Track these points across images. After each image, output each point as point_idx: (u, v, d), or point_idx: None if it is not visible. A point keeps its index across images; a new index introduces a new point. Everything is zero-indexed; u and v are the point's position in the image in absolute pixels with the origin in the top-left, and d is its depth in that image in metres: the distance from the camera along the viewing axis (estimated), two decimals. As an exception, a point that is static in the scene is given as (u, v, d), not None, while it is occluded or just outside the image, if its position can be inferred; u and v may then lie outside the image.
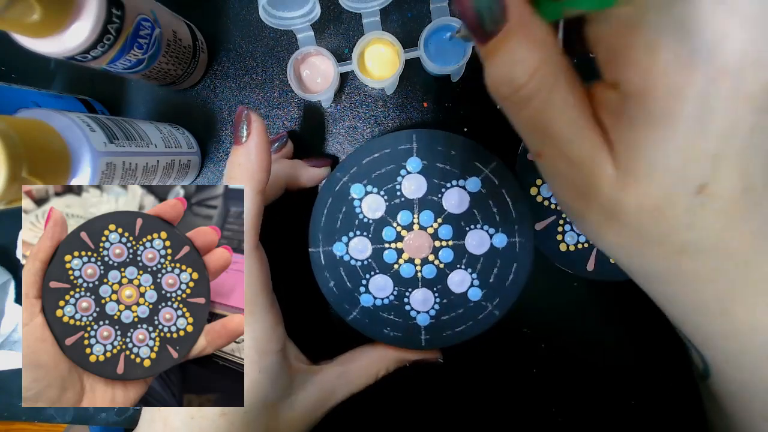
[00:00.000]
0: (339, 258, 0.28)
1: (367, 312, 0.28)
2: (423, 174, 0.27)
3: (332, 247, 0.28)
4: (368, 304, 0.28)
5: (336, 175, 0.27)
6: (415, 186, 0.27)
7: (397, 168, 0.27)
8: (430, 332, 0.27)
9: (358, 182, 0.27)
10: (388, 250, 0.27)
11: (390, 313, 0.28)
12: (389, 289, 0.28)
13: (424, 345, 0.27)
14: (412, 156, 0.27)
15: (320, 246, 0.28)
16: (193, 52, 0.30)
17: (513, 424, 0.32)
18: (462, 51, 0.29)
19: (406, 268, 0.27)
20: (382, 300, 0.28)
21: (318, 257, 0.28)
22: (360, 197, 0.27)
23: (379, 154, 0.27)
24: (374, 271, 0.28)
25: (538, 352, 0.32)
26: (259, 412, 0.23)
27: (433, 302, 0.27)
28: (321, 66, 0.31)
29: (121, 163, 0.24)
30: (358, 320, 0.28)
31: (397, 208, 0.27)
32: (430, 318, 0.27)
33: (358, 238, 0.27)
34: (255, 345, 0.22)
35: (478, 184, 0.27)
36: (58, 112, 0.22)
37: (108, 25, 0.22)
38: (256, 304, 0.22)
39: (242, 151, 0.22)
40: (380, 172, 0.27)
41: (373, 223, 0.27)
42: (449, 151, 0.27)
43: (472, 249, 0.27)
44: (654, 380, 0.32)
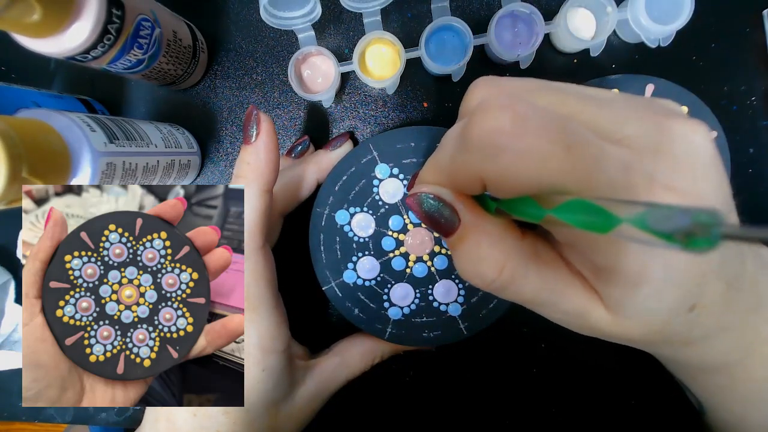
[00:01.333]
0: (339, 227, 0.28)
1: (344, 287, 0.28)
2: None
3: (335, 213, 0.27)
4: (350, 280, 0.28)
5: (368, 146, 0.27)
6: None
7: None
8: (396, 327, 0.27)
9: (385, 163, 0.27)
10: (388, 237, 0.27)
11: (366, 295, 0.28)
12: (374, 273, 0.28)
13: (387, 338, 0.28)
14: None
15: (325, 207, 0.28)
16: (193, 52, 0.30)
17: (513, 424, 0.32)
18: (463, 51, 0.29)
19: (398, 260, 0.27)
20: (364, 282, 0.28)
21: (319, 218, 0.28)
22: (382, 178, 0.27)
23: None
24: (368, 252, 0.28)
25: (538, 352, 0.32)
26: (262, 410, 0.23)
27: (411, 301, 0.27)
28: (322, 66, 0.31)
29: (121, 163, 0.24)
30: (333, 292, 0.28)
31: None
32: (402, 315, 0.27)
33: (364, 214, 0.27)
34: (259, 343, 0.22)
35: None
36: (58, 112, 0.22)
37: (108, 25, 0.22)
38: (262, 303, 0.22)
39: (251, 150, 0.22)
40: (410, 161, 0.27)
41: (383, 207, 0.27)
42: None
43: None
44: (654, 380, 0.32)
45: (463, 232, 0.16)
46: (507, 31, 0.29)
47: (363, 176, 0.27)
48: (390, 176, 0.27)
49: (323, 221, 0.27)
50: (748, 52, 0.31)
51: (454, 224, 0.16)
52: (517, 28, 0.29)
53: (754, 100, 0.31)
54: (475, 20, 0.31)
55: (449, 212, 0.16)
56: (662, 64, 0.31)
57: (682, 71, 0.31)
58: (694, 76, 0.31)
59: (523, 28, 0.29)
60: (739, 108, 0.31)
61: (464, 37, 0.29)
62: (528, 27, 0.29)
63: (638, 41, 0.30)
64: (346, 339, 0.28)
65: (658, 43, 0.29)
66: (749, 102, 0.31)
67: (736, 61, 0.31)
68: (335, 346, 0.28)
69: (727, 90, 0.31)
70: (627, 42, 0.31)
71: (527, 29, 0.29)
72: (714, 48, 0.31)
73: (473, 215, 0.16)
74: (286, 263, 0.28)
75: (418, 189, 0.17)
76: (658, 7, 0.27)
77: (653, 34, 0.28)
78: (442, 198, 0.17)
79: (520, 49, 0.29)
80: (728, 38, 0.31)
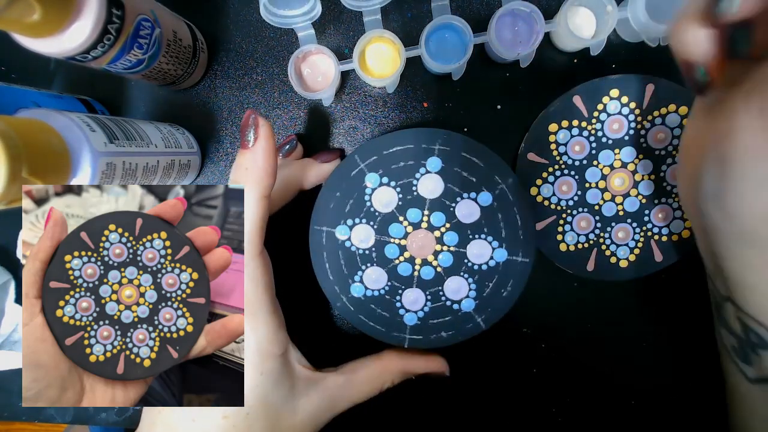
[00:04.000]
0: (341, 243, 0.27)
1: (355, 302, 0.27)
2: (441, 175, 0.27)
3: (335, 230, 0.27)
4: (359, 294, 0.27)
5: (354, 158, 0.27)
6: (432, 186, 0.27)
7: (416, 165, 0.27)
8: (415, 333, 0.27)
9: (374, 172, 0.27)
10: (391, 245, 0.27)
11: (378, 306, 0.27)
12: (382, 283, 0.27)
13: (407, 345, 0.27)
14: (433, 156, 0.27)
15: (324, 225, 0.27)
16: (193, 52, 0.30)
17: (513, 424, 0.32)
18: (463, 50, 0.29)
19: (404, 266, 0.27)
20: (373, 292, 0.27)
21: (320, 236, 0.27)
22: (374, 187, 0.27)
23: (403, 148, 0.27)
24: (372, 263, 0.27)
25: (538, 352, 0.32)
26: (261, 415, 0.23)
27: (424, 304, 0.27)
28: (322, 65, 0.31)
29: (121, 163, 0.24)
30: (345, 308, 0.28)
31: (409, 204, 0.27)
32: (418, 319, 0.27)
33: (362, 226, 0.27)
34: (257, 348, 0.22)
35: (490, 198, 0.27)
36: (58, 112, 0.22)
37: (108, 25, 0.22)
38: (260, 308, 0.22)
39: (249, 155, 0.22)
40: (398, 166, 0.27)
41: (380, 216, 0.27)
42: (471, 158, 0.27)
43: (473, 258, 0.27)
44: (654, 380, 0.32)
45: None
46: (507, 29, 0.29)
47: (355, 189, 0.27)
48: (380, 185, 0.27)
49: (324, 239, 0.27)
50: (748, 52, 0.31)
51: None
52: (518, 27, 0.29)
53: (755, 99, 0.31)
54: (475, 19, 0.31)
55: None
56: (662, 64, 0.31)
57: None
58: (694, 76, 0.31)
59: (524, 26, 0.29)
60: (739, 107, 0.31)
61: (464, 36, 0.29)
62: (528, 26, 0.29)
63: (638, 40, 0.30)
64: (355, 360, 0.28)
65: (659, 42, 0.29)
66: (749, 101, 0.31)
67: (736, 61, 0.31)
68: (344, 366, 0.27)
69: (728, 89, 0.31)
70: (627, 41, 0.31)
71: (527, 28, 0.29)
72: (714, 47, 0.31)
73: None
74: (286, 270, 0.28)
75: None
76: (659, 5, 0.27)
77: (654, 32, 0.28)
78: None
79: (520, 48, 0.29)
80: (728, 38, 0.31)
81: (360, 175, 0.27)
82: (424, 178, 0.27)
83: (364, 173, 0.27)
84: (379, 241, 0.27)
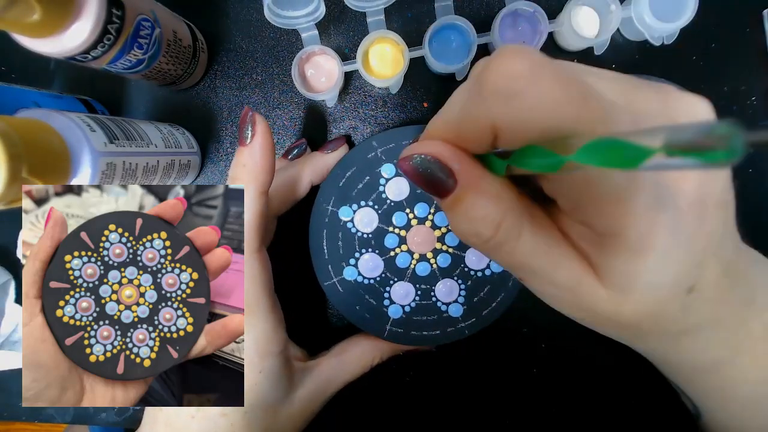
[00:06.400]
0: (343, 223, 0.27)
1: (346, 284, 0.27)
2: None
3: (339, 209, 0.27)
4: (351, 277, 0.27)
5: (371, 143, 0.27)
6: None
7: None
8: (396, 326, 0.27)
9: (344, 205, 0.27)
10: (391, 234, 0.27)
11: (367, 292, 0.27)
12: (378, 271, 0.27)
13: (386, 336, 0.27)
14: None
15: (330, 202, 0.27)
16: (193, 52, 0.30)
17: (513, 424, 0.32)
18: (466, 50, 0.29)
19: (403, 257, 0.27)
20: (365, 278, 0.27)
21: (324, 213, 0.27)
22: (389, 177, 0.27)
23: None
24: (370, 249, 0.27)
25: (538, 352, 0.32)
26: (260, 413, 0.23)
27: (412, 299, 0.27)
28: (325, 65, 0.31)
29: (121, 163, 0.24)
30: (333, 288, 0.28)
31: (419, 197, 0.27)
32: (403, 313, 0.27)
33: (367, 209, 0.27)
34: (256, 347, 0.22)
35: None
36: (58, 112, 0.22)
37: (108, 25, 0.22)
38: (258, 307, 0.22)
39: (246, 152, 0.22)
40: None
41: (388, 204, 0.27)
42: None
43: (471, 263, 0.27)
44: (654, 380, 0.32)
45: (459, 192, 0.15)
46: (510, 29, 0.29)
47: (367, 172, 0.27)
48: (396, 175, 0.27)
49: (327, 217, 0.27)
50: (748, 52, 0.31)
51: (449, 186, 0.15)
52: (521, 27, 0.29)
53: (754, 100, 0.31)
54: (478, 19, 0.31)
55: (445, 173, 0.15)
56: (663, 63, 0.31)
57: (682, 71, 0.31)
58: (694, 76, 0.31)
59: (527, 26, 0.29)
60: (739, 108, 0.31)
61: (468, 36, 0.29)
62: (531, 26, 0.29)
63: (642, 39, 0.30)
64: (344, 341, 0.28)
65: (662, 42, 0.29)
66: (749, 102, 0.31)
67: (736, 61, 0.31)
68: (334, 348, 0.28)
69: (727, 90, 0.31)
70: (631, 40, 0.31)
71: (531, 28, 0.29)
72: (714, 48, 0.31)
73: (470, 174, 0.15)
74: (284, 263, 0.28)
75: (413, 150, 0.16)
76: (662, 5, 0.27)
77: (657, 32, 0.28)
78: (440, 157, 0.15)
79: None
80: (728, 38, 0.31)
81: (375, 160, 0.27)
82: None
83: (381, 161, 0.27)
84: (380, 228, 0.27)
